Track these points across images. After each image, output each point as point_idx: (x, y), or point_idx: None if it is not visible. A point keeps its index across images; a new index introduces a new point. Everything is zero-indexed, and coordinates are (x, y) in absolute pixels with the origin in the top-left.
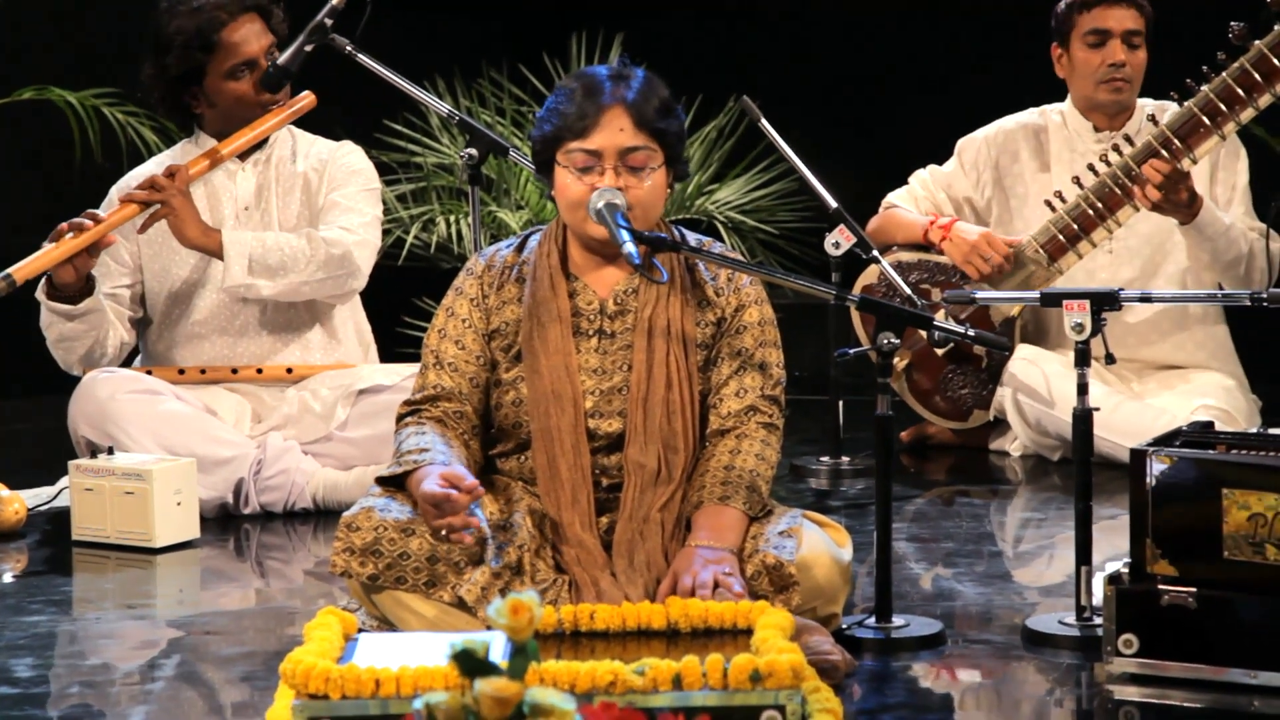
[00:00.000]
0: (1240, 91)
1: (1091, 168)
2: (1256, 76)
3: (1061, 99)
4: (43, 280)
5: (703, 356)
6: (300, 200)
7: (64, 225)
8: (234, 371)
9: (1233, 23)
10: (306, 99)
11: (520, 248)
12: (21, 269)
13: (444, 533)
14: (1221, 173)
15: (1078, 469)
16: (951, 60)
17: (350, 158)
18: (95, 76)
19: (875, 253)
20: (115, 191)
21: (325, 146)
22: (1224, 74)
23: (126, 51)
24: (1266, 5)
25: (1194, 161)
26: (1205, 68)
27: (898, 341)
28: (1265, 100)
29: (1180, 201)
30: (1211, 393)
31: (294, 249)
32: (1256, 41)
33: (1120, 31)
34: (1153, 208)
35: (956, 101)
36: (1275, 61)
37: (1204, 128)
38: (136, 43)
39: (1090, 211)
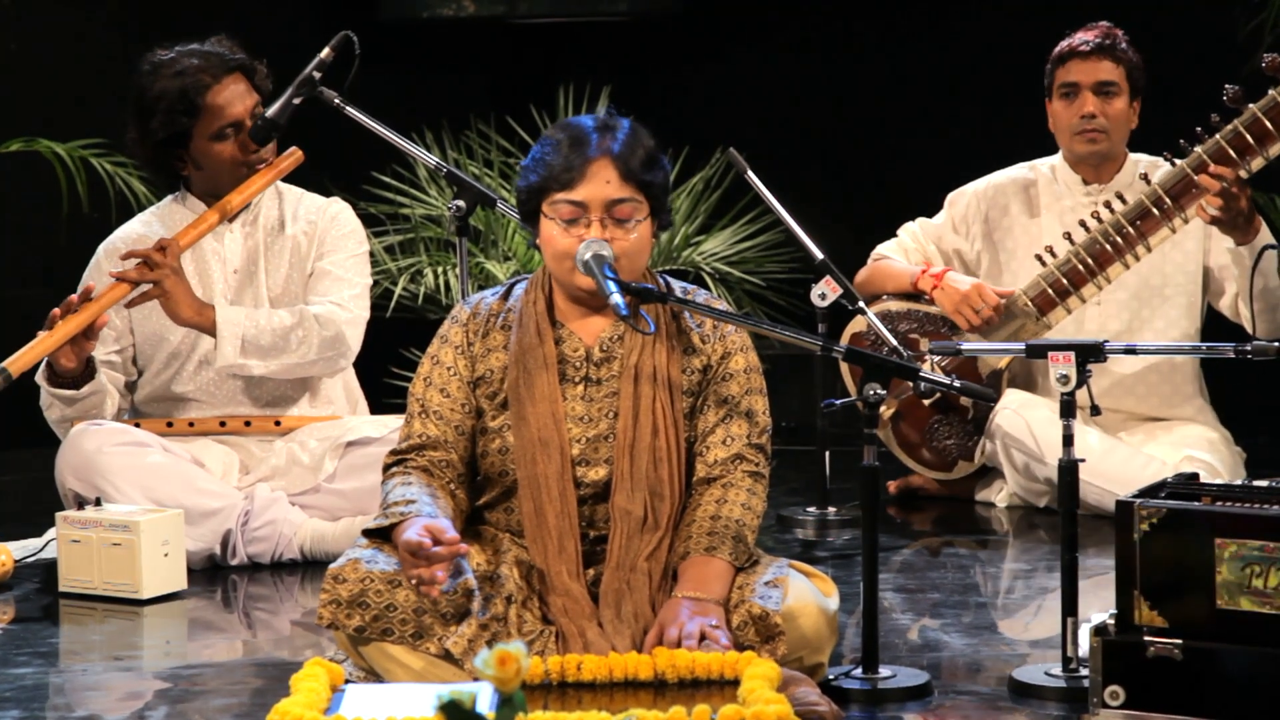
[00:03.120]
0: (1233, 154)
1: (1083, 223)
2: (1249, 139)
3: (1053, 151)
4: (43, 364)
5: (688, 403)
6: (290, 263)
7: (56, 311)
8: (222, 424)
9: (1227, 85)
10: (294, 155)
11: (506, 295)
12: (17, 360)
13: (414, 582)
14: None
15: (1064, 520)
16: (940, 112)
17: (341, 218)
18: (83, 127)
19: (861, 304)
20: (102, 250)
21: (314, 204)
22: (1217, 136)
23: (114, 102)
24: (1261, 69)
25: (1185, 220)
26: (1199, 128)
27: (884, 392)
28: (1258, 163)
29: (1240, 211)
30: (1197, 444)
31: (286, 330)
32: (1251, 105)
33: (1090, 84)
34: (1212, 221)
35: (945, 154)
36: (1268, 125)
37: (1196, 188)
38: (124, 93)
39: (1081, 267)
